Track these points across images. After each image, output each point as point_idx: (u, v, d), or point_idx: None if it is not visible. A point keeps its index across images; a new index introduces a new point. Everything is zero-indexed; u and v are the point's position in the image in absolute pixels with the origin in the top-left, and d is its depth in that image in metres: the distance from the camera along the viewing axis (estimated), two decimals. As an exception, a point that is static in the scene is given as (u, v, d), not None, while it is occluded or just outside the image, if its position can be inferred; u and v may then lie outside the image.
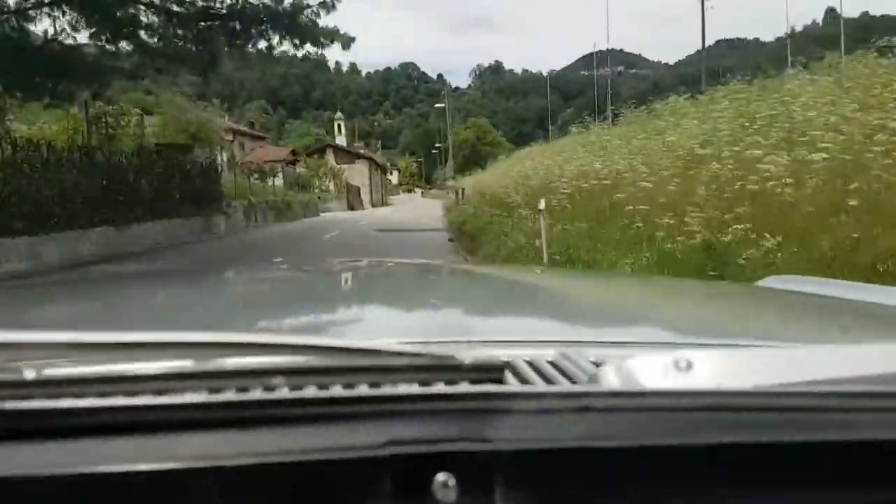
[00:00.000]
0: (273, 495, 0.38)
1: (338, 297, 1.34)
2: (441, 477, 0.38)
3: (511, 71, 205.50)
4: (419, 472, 0.38)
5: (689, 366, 0.46)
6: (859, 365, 0.47)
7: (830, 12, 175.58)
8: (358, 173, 55.57)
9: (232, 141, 46.97)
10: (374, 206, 54.76)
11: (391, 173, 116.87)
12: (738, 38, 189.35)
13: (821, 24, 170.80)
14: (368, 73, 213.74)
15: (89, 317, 1.12)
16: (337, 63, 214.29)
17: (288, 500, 0.38)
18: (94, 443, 0.38)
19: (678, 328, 0.97)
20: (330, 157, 55.55)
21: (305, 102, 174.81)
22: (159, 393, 0.43)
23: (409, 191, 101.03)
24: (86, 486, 0.37)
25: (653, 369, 0.46)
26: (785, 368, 0.47)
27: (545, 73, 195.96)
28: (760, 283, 1.42)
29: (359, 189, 52.41)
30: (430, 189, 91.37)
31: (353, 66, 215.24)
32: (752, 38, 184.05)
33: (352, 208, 45.01)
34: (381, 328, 0.96)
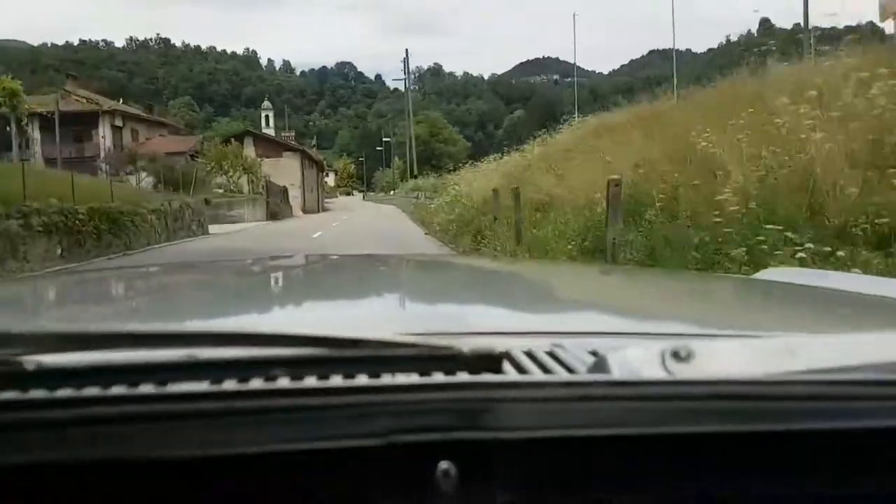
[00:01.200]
0: (274, 485, 0.38)
1: (337, 290, 1.31)
2: (443, 465, 0.38)
3: (451, 74, 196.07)
4: (421, 462, 0.38)
5: (689, 355, 0.46)
6: (859, 353, 0.47)
7: (765, 23, 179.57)
8: (286, 169, 43.70)
9: (121, 126, 34.82)
10: (306, 212, 43.57)
11: (327, 174, 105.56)
12: (670, 49, 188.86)
13: (756, 34, 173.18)
14: (303, 71, 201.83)
15: (90, 309, 1.13)
16: (269, 60, 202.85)
17: (290, 489, 0.39)
18: (95, 432, 0.38)
19: (676, 319, 0.97)
20: (250, 149, 42.17)
21: (234, 100, 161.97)
22: (160, 383, 0.43)
23: (348, 193, 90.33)
24: (87, 475, 0.37)
25: (652, 359, 0.46)
26: (785, 357, 0.47)
27: (486, 77, 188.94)
28: (757, 275, 1.46)
29: (285, 190, 40.49)
30: (372, 192, 79.90)
31: (286, 64, 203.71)
32: (684, 48, 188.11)
33: (274, 216, 33.53)
34: (379, 320, 0.95)
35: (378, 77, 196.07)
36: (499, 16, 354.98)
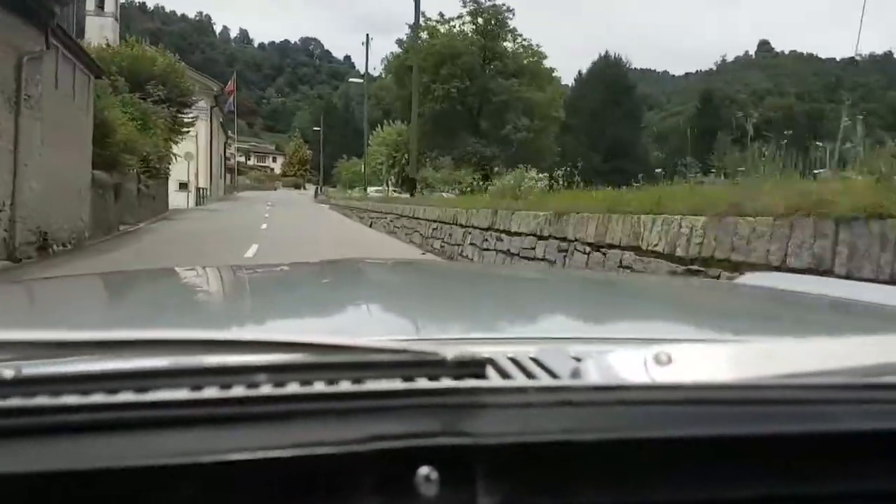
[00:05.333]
0: (255, 492, 0.38)
1: (320, 295, 1.31)
2: (424, 471, 0.38)
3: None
4: (402, 467, 0.38)
5: (669, 360, 0.46)
6: (836, 358, 0.48)
7: (764, 45, 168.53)
8: None
9: None
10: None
11: (273, 159, 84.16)
12: (647, 69, 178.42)
13: (753, 55, 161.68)
14: (262, 43, 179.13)
15: (68, 316, 1.12)
16: (225, 27, 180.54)
17: (270, 497, 0.38)
18: (73, 441, 0.38)
19: (658, 324, 0.99)
20: None
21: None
22: (140, 391, 0.42)
23: (298, 186, 68.76)
24: (64, 485, 0.37)
25: (633, 364, 0.46)
26: (764, 362, 0.47)
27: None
28: (738, 279, 1.50)
29: None
30: (333, 188, 57.95)
31: (243, 34, 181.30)
32: (661, 70, 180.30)
33: None
34: (363, 326, 0.96)
35: (347, 58, 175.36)
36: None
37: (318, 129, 69.40)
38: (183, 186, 34.81)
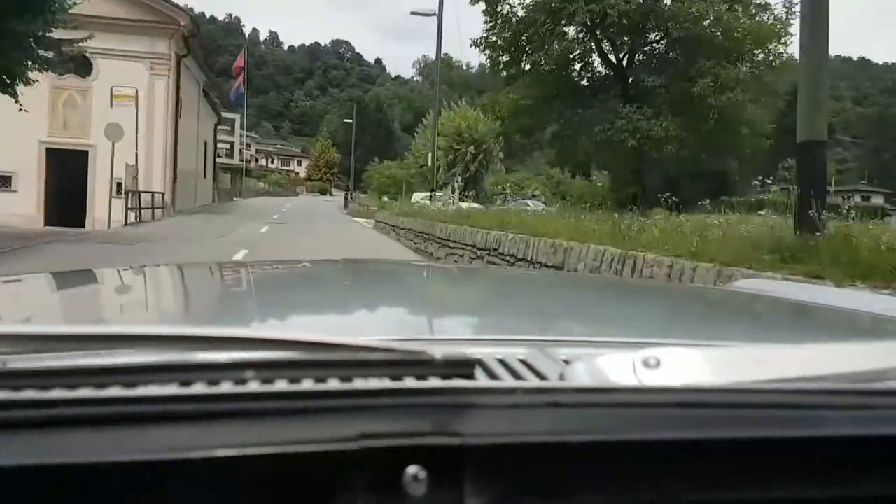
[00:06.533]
0: (242, 489, 0.38)
1: (311, 294, 1.32)
2: (412, 470, 0.38)
3: (462, 66, 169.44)
4: (390, 466, 0.39)
5: (658, 363, 0.47)
6: (825, 363, 0.49)
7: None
8: None
9: None
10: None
11: (299, 162, 78.11)
12: None
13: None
14: (291, 46, 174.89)
15: (58, 310, 1.11)
16: (254, 29, 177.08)
17: (258, 493, 0.38)
18: (60, 435, 0.38)
19: (647, 328, 1.00)
20: None
21: (208, 68, 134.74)
22: (128, 385, 0.42)
23: (324, 191, 62.43)
24: (52, 479, 0.37)
25: (621, 366, 0.47)
26: (752, 366, 0.48)
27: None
28: (728, 285, 1.52)
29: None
30: (364, 193, 51.19)
31: (273, 36, 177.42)
32: None
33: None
34: (354, 325, 0.97)
35: (378, 61, 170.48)
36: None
37: (348, 121, 62.62)
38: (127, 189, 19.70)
